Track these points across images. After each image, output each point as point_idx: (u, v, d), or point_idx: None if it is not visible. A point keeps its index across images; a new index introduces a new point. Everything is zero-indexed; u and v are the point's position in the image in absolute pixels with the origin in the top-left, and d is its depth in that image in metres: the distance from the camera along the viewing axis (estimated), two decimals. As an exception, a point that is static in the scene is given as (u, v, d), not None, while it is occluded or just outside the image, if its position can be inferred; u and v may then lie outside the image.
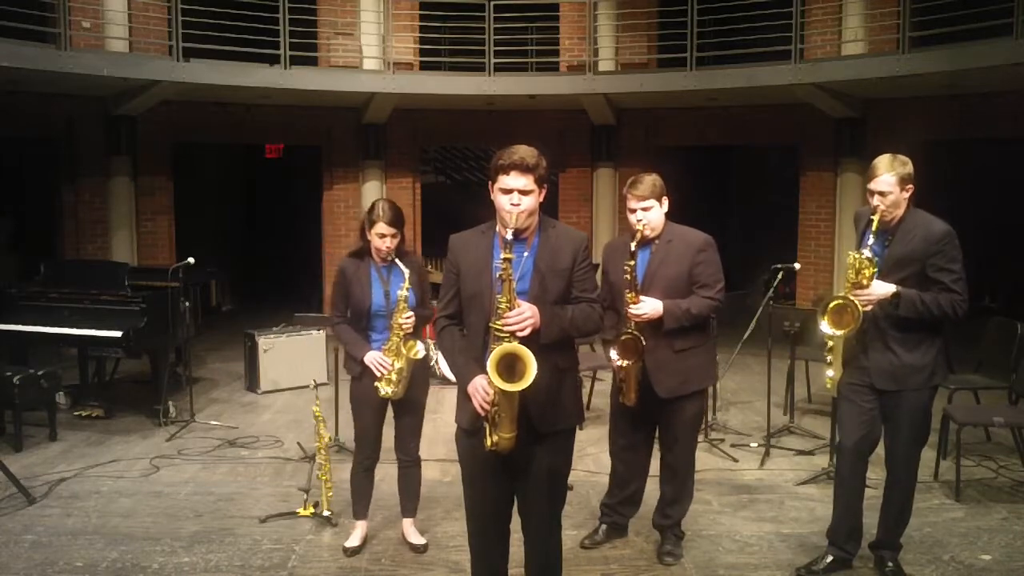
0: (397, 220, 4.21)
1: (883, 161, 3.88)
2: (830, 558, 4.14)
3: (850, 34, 9.57)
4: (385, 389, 4.22)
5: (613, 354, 4.13)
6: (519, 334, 2.96)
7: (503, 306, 2.97)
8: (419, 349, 4.21)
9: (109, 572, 4.23)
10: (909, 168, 3.86)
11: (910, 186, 3.86)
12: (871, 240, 3.83)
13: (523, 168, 3.02)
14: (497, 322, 2.98)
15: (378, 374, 4.21)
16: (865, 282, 3.81)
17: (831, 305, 3.91)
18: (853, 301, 3.82)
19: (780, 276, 6.14)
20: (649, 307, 4.03)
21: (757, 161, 13.53)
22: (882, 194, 3.83)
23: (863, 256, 3.82)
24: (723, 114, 10.91)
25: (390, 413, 4.43)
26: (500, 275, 2.96)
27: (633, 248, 4.02)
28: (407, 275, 4.18)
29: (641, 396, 4.18)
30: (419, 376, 4.36)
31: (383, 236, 4.19)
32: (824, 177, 10.47)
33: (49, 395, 6.36)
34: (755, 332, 6.14)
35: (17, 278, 8.05)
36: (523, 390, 2.94)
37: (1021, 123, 9.01)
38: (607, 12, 10.63)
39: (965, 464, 5.34)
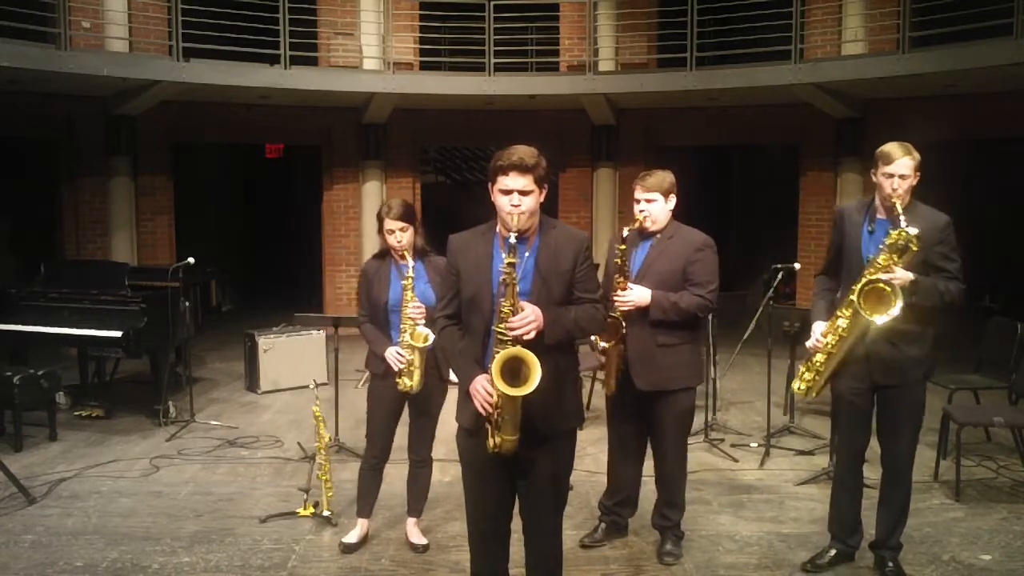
0: (405, 215, 4.28)
1: (899, 146, 3.85)
2: (833, 551, 4.16)
3: (850, 34, 9.57)
4: (406, 383, 4.25)
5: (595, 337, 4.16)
6: (524, 338, 2.95)
7: (506, 310, 2.95)
8: (427, 335, 4.18)
9: (109, 572, 4.23)
10: (919, 157, 3.87)
11: (919, 174, 3.88)
12: (871, 226, 3.84)
13: (522, 168, 2.99)
14: (500, 326, 2.97)
15: (396, 368, 4.24)
16: (894, 266, 3.72)
17: (865, 289, 3.73)
18: (884, 282, 3.69)
19: (780, 276, 6.14)
20: (636, 295, 4.07)
21: (757, 161, 13.53)
22: (903, 176, 3.80)
23: (909, 232, 3.67)
24: (723, 114, 10.89)
25: (405, 413, 4.47)
26: (503, 279, 2.94)
27: (626, 234, 4.07)
28: (411, 266, 4.23)
29: (630, 392, 4.20)
30: (436, 378, 4.38)
31: (392, 232, 4.27)
32: (824, 177, 10.46)
33: (49, 395, 6.36)
34: (755, 332, 6.15)
35: (17, 278, 8.04)
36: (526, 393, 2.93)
37: (1021, 123, 9.00)
38: (607, 12, 10.62)
39: (965, 464, 5.34)
